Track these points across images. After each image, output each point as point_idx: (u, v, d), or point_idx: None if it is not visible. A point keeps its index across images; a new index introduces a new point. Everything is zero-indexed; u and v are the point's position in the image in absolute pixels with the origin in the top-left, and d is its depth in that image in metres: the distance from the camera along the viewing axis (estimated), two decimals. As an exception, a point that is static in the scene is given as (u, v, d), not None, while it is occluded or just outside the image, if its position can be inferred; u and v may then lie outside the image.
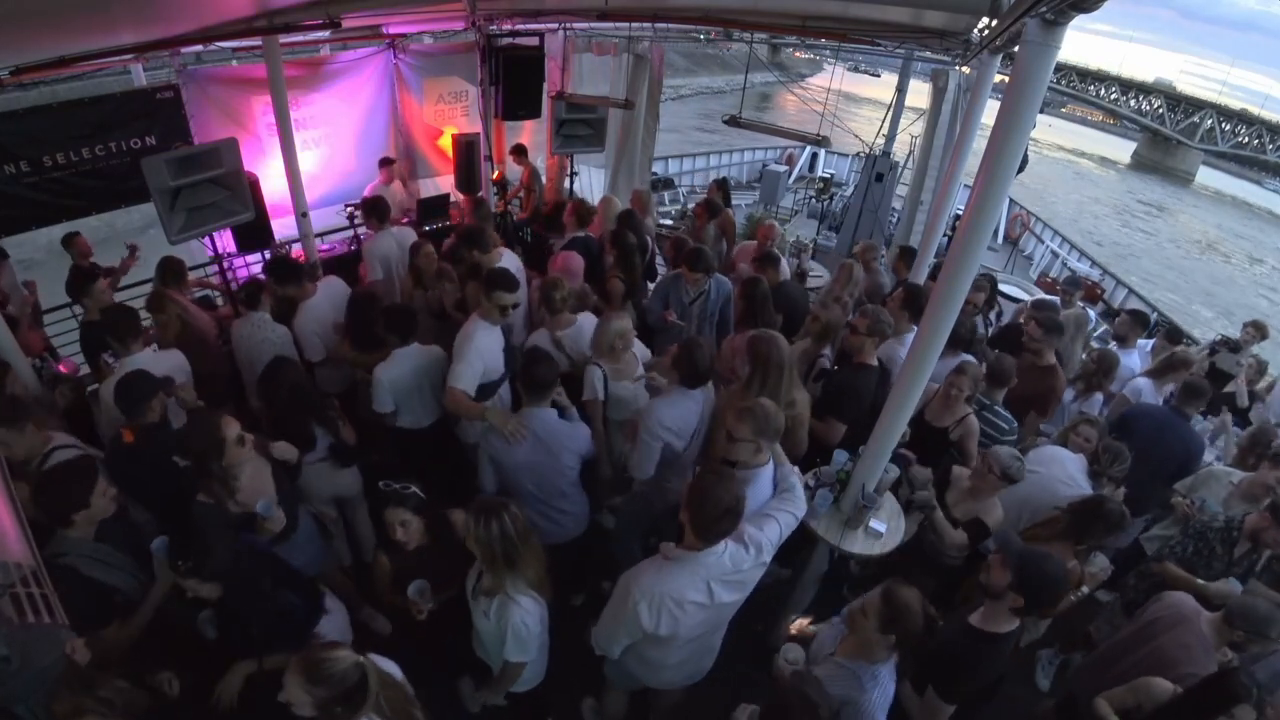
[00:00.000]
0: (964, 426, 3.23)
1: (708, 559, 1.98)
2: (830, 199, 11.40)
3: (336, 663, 1.60)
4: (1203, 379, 3.72)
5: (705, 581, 2.00)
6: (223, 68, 5.84)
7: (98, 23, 2.99)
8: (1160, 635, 2.45)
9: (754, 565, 2.08)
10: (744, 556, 2.05)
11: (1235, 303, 19.58)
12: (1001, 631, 2.12)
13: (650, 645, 2.18)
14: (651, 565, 2.04)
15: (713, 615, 2.12)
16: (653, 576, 1.99)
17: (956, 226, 2.37)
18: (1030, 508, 3.04)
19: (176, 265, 3.82)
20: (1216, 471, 3.38)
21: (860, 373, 3.28)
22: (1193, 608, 2.49)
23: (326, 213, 6.22)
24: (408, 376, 3.15)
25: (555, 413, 2.70)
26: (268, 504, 2.38)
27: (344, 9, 3.84)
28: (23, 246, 5.97)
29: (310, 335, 3.65)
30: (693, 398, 2.82)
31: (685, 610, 2.01)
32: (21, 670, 1.46)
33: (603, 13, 4.83)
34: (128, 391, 2.57)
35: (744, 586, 2.13)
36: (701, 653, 2.34)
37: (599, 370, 3.12)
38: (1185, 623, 2.43)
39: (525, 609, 2.08)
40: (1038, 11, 1.80)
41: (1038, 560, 2.06)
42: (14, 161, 4.50)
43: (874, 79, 40.83)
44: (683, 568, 1.99)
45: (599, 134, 6.34)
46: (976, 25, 3.55)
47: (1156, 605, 2.59)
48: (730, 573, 2.03)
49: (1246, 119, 41.34)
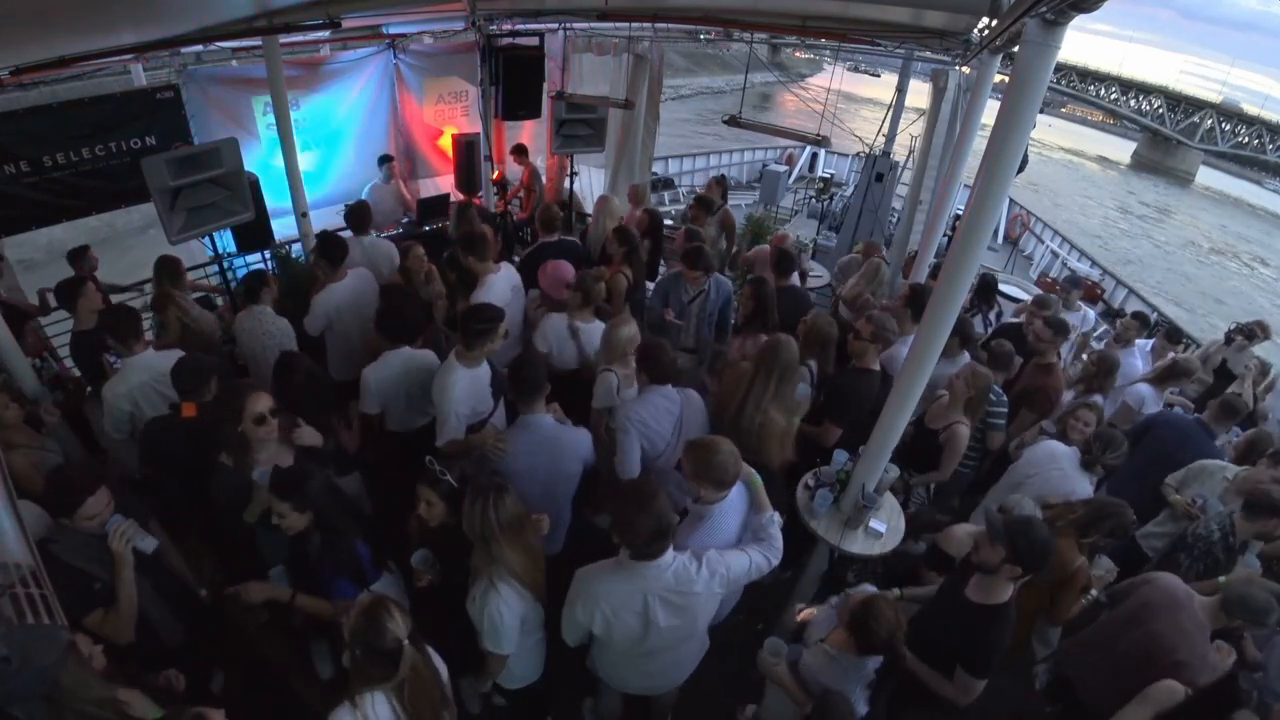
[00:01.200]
0: (950, 432, 3.26)
1: (647, 571, 1.92)
2: (830, 199, 11.39)
3: (388, 619, 1.66)
4: (1240, 398, 3.71)
5: (643, 594, 1.94)
6: (223, 68, 5.84)
7: (98, 23, 3.00)
8: (1153, 620, 2.43)
9: (705, 589, 1.98)
10: (692, 576, 1.94)
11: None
12: (1001, 601, 2.15)
13: (604, 647, 2.16)
14: (602, 566, 2.01)
15: (653, 635, 2.00)
16: (597, 577, 1.98)
17: (956, 226, 2.37)
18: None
19: (173, 264, 3.81)
20: (1209, 466, 3.33)
21: (860, 377, 3.27)
22: (1184, 591, 2.48)
23: (326, 213, 6.22)
24: (396, 379, 3.10)
25: (551, 417, 2.66)
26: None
27: (344, 9, 3.85)
28: (23, 247, 5.99)
29: (321, 314, 3.66)
30: (666, 395, 2.77)
31: (619, 619, 1.96)
32: (21, 670, 1.45)
33: (603, 13, 4.84)
34: (191, 369, 2.67)
35: (685, 613, 2.00)
36: (665, 667, 2.27)
37: (613, 376, 3.06)
38: (1178, 607, 2.42)
39: (503, 598, 2.05)
40: (1038, 11, 1.80)
41: (1024, 528, 2.08)
42: (14, 161, 4.51)
43: (874, 79, 40.83)
44: (622, 575, 1.95)
45: (599, 134, 6.34)
46: (976, 25, 3.55)
47: (1147, 588, 2.56)
48: (672, 589, 1.94)
49: (1246, 119, 41.35)
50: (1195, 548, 2.96)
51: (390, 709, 1.66)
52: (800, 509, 3.01)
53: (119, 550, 2.03)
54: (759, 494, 2.23)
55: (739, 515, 2.25)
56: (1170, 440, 3.49)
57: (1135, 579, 2.67)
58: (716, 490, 2.14)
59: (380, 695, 1.66)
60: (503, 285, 3.74)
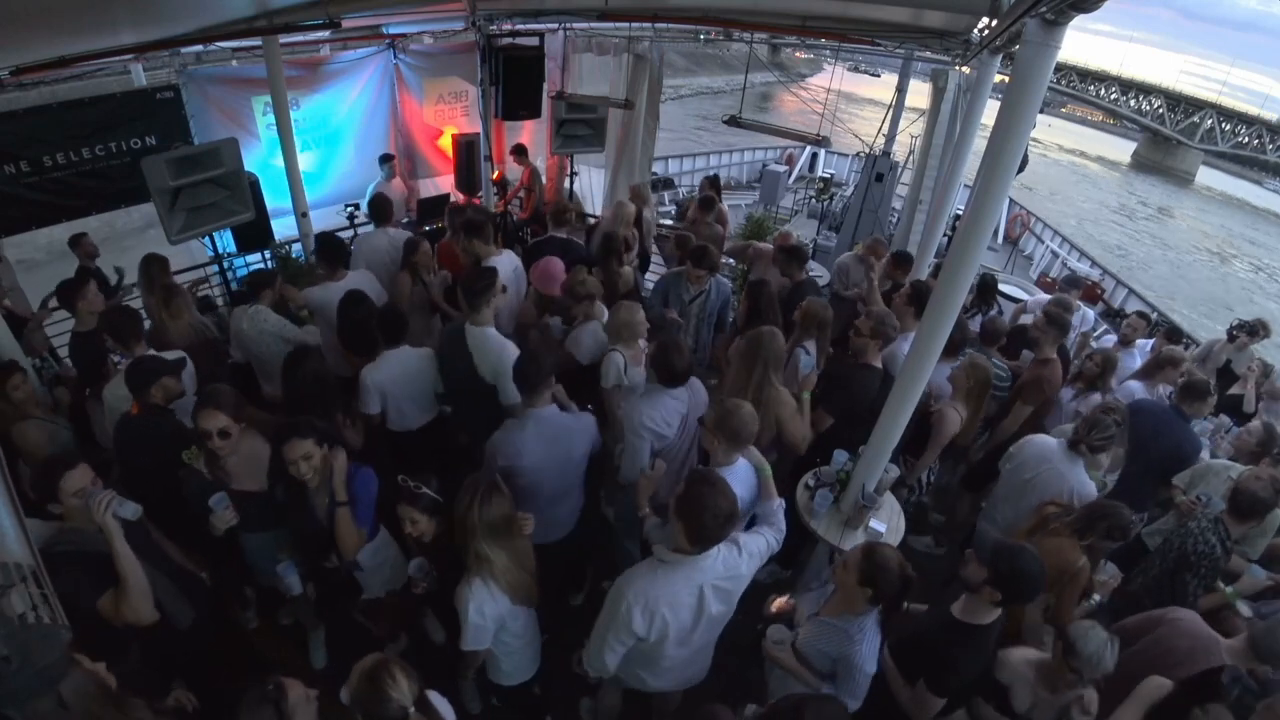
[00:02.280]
0: (939, 414, 3.32)
1: (702, 563, 1.98)
2: (830, 199, 11.39)
3: (390, 696, 1.53)
4: (1201, 379, 3.68)
5: (699, 586, 2.00)
6: (223, 68, 5.84)
7: (98, 23, 2.99)
8: (1178, 669, 2.25)
9: (747, 570, 2.10)
10: (736, 560, 2.06)
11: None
12: (981, 623, 2.11)
13: (640, 654, 2.15)
14: (646, 569, 2.03)
15: (703, 625, 2.10)
16: (647, 580, 1.98)
17: (956, 226, 2.37)
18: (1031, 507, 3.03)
19: (160, 261, 3.74)
20: (1215, 465, 3.32)
21: (858, 370, 3.29)
22: (1209, 636, 2.31)
23: (326, 213, 6.23)
24: (396, 380, 3.11)
25: (556, 408, 2.68)
26: (220, 498, 2.37)
27: (344, 9, 3.84)
28: (23, 247, 5.97)
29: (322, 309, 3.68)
30: (674, 395, 2.80)
31: (678, 615, 2.00)
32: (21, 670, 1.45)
33: (603, 13, 4.83)
34: (135, 369, 2.69)
35: (730, 598, 2.13)
36: (692, 659, 2.30)
37: (619, 356, 3.10)
38: (1207, 656, 2.25)
39: (480, 598, 2.04)
40: (1038, 11, 1.81)
41: (1010, 554, 2.05)
42: (14, 161, 4.52)
43: (874, 79, 40.77)
44: (677, 571, 1.98)
45: (599, 134, 6.34)
46: (976, 25, 3.55)
47: (1166, 630, 2.39)
48: (723, 576, 2.04)
49: (1246, 119, 41.34)
50: (1200, 566, 2.83)
51: None
52: (800, 509, 3.01)
53: (103, 521, 1.99)
54: (768, 482, 2.42)
55: (746, 489, 2.35)
56: (1145, 428, 3.43)
57: (1152, 615, 2.52)
58: (730, 446, 2.33)
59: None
60: (505, 267, 3.75)
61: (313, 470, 2.29)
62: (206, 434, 2.37)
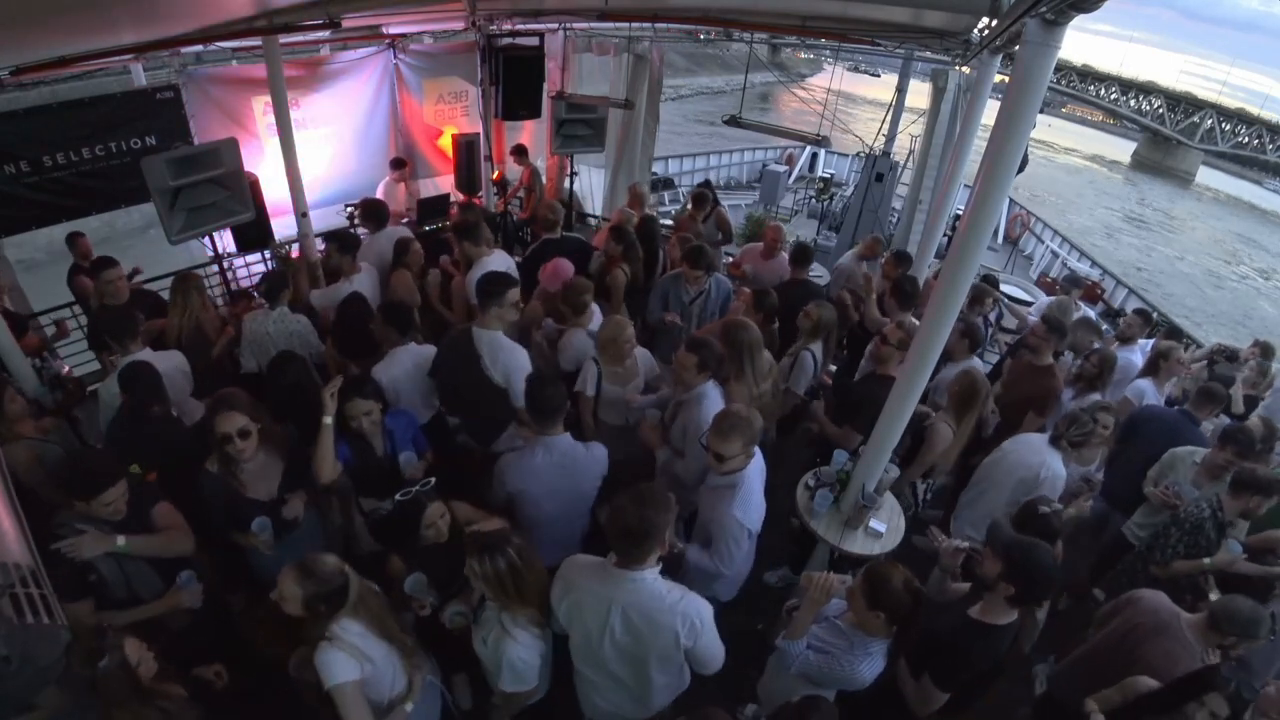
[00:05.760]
0: (930, 428, 3.31)
1: (625, 580, 1.87)
2: (830, 199, 11.40)
3: (324, 564, 1.86)
4: (1218, 385, 3.72)
5: (609, 601, 1.90)
6: (223, 68, 5.84)
7: (98, 23, 2.99)
8: (1143, 644, 2.39)
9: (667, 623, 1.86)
10: (664, 602, 1.88)
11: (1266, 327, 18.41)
12: (999, 624, 2.12)
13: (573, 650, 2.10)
14: (590, 560, 2.02)
15: (609, 648, 1.94)
16: (579, 568, 1.99)
17: (956, 226, 2.37)
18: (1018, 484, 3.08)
19: None
20: (1179, 454, 3.37)
21: (881, 384, 3.19)
22: (1170, 610, 2.42)
23: (326, 212, 6.22)
24: (409, 375, 3.11)
25: (570, 436, 2.60)
26: (263, 522, 2.38)
27: (344, 9, 3.84)
28: (23, 247, 5.97)
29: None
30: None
31: (580, 616, 1.96)
32: (21, 670, 1.45)
33: (603, 13, 4.84)
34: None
35: (641, 640, 1.90)
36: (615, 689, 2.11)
37: (594, 367, 3.13)
38: (1166, 630, 2.37)
39: (522, 644, 1.98)
40: (1038, 11, 1.81)
41: (1026, 548, 2.06)
42: (14, 161, 4.51)
43: (874, 79, 40.76)
44: (600, 576, 1.93)
45: (599, 134, 6.34)
46: (976, 25, 3.55)
47: (1131, 610, 2.51)
48: (637, 607, 1.88)
49: (1246, 119, 41.31)
50: (1186, 523, 3.01)
51: (359, 625, 1.88)
52: (800, 509, 3.01)
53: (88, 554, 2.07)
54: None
55: (763, 479, 2.40)
56: (1156, 435, 3.50)
57: (1120, 599, 2.62)
58: (747, 446, 2.32)
59: (344, 620, 1.86)
60: (498, 268, 3.71)
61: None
62: (226, 438, 2.34)
